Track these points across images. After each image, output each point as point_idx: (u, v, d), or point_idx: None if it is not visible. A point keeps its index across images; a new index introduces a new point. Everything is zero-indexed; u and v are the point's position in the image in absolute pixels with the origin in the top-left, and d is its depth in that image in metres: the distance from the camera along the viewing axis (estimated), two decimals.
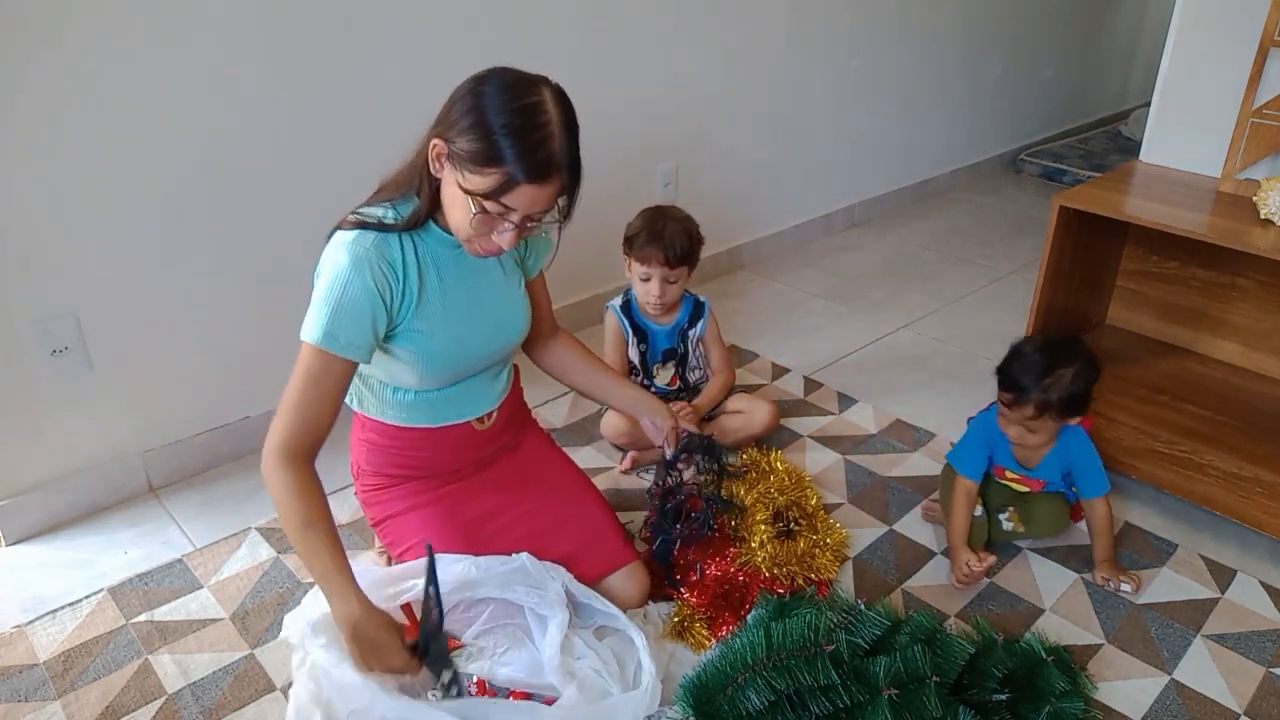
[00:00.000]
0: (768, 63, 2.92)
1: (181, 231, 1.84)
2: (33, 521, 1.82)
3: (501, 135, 1.17)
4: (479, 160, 1.19)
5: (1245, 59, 1.86)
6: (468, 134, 1.19)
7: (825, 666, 1.31)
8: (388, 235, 1.31)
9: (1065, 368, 1.60)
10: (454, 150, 1.22)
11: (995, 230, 3.52)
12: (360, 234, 1.29)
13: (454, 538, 1.47)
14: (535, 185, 1.20)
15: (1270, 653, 1.57)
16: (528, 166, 1.18)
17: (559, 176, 1.22)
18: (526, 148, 1.18)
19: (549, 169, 1.20)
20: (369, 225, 1.30)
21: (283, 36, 1.85)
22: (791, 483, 1.85)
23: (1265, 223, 1.75)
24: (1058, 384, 1.60)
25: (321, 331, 1.26)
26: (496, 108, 1.18)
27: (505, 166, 1.18)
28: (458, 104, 1.22)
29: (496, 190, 1.20)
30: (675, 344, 2.07)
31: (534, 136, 1.18)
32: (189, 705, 1.44)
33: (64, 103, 1.63)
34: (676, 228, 1.93)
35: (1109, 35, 4.61)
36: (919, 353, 2.60)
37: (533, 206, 1.23)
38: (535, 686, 1.41)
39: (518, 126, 1.17)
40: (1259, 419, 1.92)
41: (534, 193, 1.21)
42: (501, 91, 1.20)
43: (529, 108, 1.19)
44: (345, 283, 1.26)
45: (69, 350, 1.76)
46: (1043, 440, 1.68)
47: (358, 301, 1.27)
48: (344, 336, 1.27)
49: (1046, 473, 1.74)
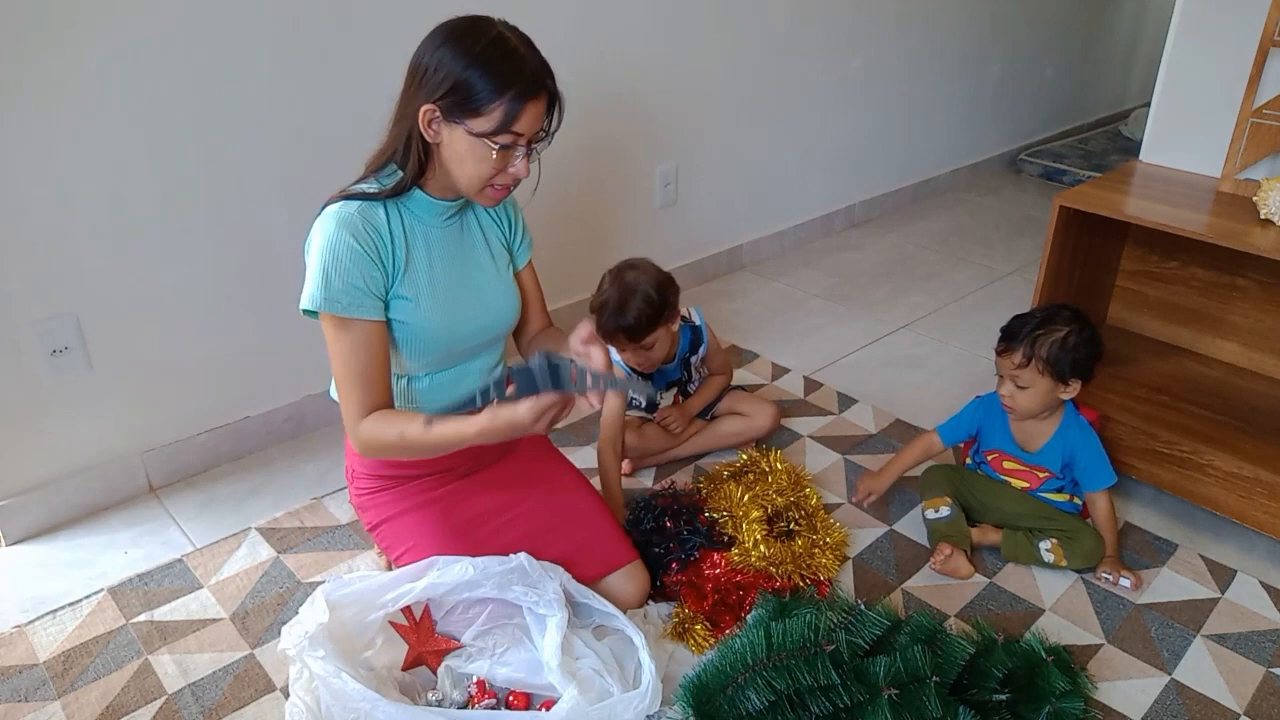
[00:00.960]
0: (768, 63, 2.92)
1: (181, 231, 1.84)
2: (33, 521, 1.82)
3: (488, 72, 1.23)
4: (478, 100, 1.24)
5: (1245, 59, 1.86)
6: (455, 87, 1.24)
7: (825, 666, 1.31)
8: (373, 202, 1.34)
9: (1061, 327, 1.66)
10: (444, 107, 1.26)
11: (995, 230, 3.52)
12: (345, 202, 1.32)
13: (451, 539, 1.47)
14: (534, 100, 1.26)
15: (1270, 653, 1.57)
16: (523, 87, 1.25)
17: (546, 88, 1.28)
18: (513, 72, 1.24)
19: (539, 81, 1.27)
20: (352, 195, 1.33)
21: (283, 36, 1.85)
22: (790, 483, 1.85)
23: (1265, 223, 1.75)
24: (1049, 337, 1.64)
25: (321, 297, 1.29)
26: (468, 52, 1.24)
27: (503, 95, 1.24)
28: (428, 68, 1.26)
29: (505, 120, 1.25)
30: (680, 374, 2.03)
31: (513, 61, 1.25)
32: (189, 705, 1.44)
33: (64, 103, 1.63)
34: (638, 302, 1.78)
35: (1109, 35, 4.61)
36: (919, 353, 2.60)
37: (535, 124, 1.29)
38: (535, 686, 1.41)
39: (496, 57, 1.24)
40: (1259, 419, 1.92)
41: (535, 109, 1.27)
42: (462, 38, 1.25)
43: (494, 40, 1.25)
44: (334, 244, 1.29)
45: (69, 350, 1.77)
46: (1033, 404, 1.69)
47: (354, 262, 1.30)
48: (345, 298, 1.30)
49: (1047, 459, 1.74)
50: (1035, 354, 1.65)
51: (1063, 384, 1.67)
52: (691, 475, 2.01)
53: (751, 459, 1.94)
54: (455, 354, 1.46)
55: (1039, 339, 1.65)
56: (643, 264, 1.87)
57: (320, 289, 1.29)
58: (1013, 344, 1.68)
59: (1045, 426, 1.75)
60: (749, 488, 1.82)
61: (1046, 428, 1.75)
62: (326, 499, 1.93)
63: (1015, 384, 1.68)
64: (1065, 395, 1.70)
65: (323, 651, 1.29)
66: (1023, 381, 1.67)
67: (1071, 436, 1.73)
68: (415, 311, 1.38)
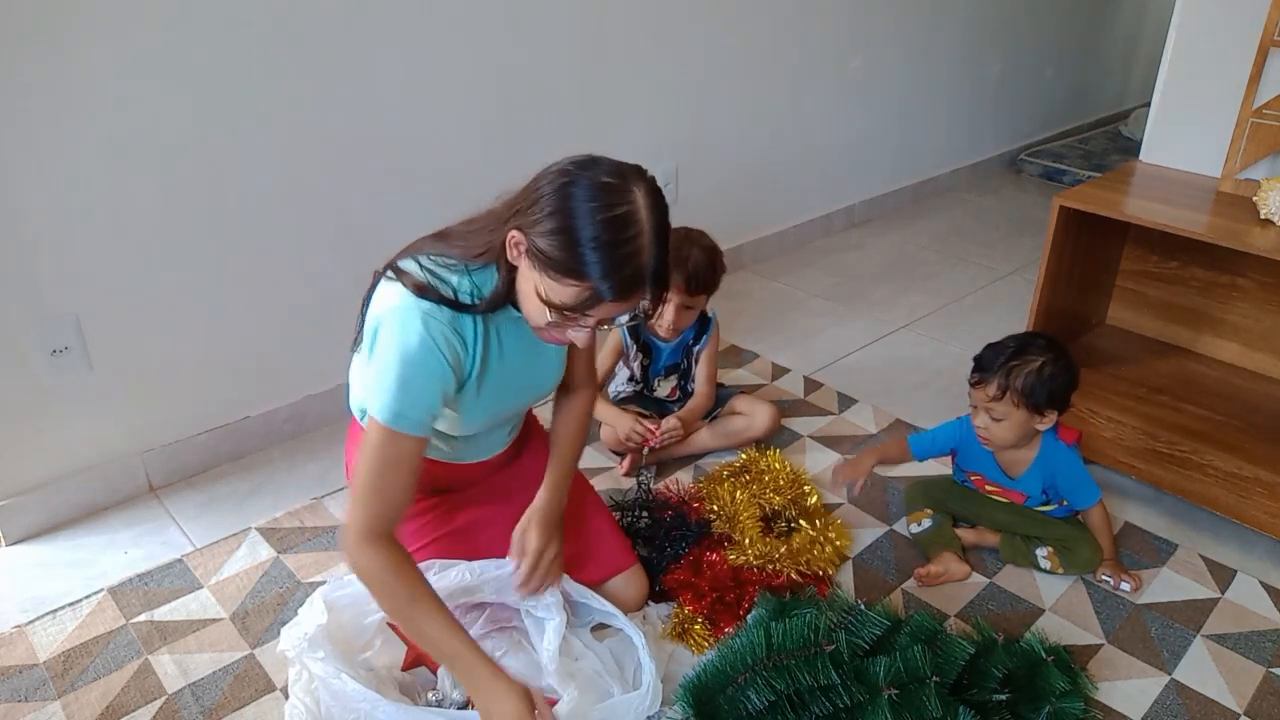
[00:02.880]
0: (768, 63, 2.92)
1: (181, 231, 1.84)
2: (33, 521, 1.82)
3: (589, 249, 1.09)
4: (561, 269, 1.11)
5: (1245, 59, 1.86)
6: (551, 238, 1.11)
7: (825, 666, 1.31)
8: (462, 314, 1.22)
9: (1036, 357, 1.60)
10: (534, 248, 1.13)
11: (995, 230, 3.52)
12: (436, 308, 1.19)
13: (452, 544, 1.47)
14: (619, 303, 1.14)
15: (1270, 653, 1.57)
16: (614, 285, 1.11)
17: (644, 290, 1.16)
18: (614, 265, 1.10)
19: (636, 286, 1.13)
20: (445, 300, 1.20)
21: (283, 36, 1.85)
22: (788, 482, 1.85)
23: (1265, 223, 1.75)
24: (1024, 368, 1.59)
25: (392, 412, 1.18)
26: (585, 215, 1.09)
27: (590, 283, 1.11)
28: (543, 198, 1.12)
29: (578, 305, 1.13)
30: (679, 360, 2.05)
31: (623, 252, 1.10)
32: (189, 705, 1.44)
33: (64, 103, 1.63)
34: (701, 256, 1.86)
35: (1109, 35, 4.61)
36: (919, 353, 2.60)
37: (612, 314, 1.18)
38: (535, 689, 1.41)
39: (606, 242, 1.09)
40: (1259, 419, 1.92)
41: (616, 308, 1.16)
42: (592, 197, 1.10)
43: (620, 220, 1.10)
44: (419, 360, 1.18)
45: (69, 350, 1.76)
46: (1009, 435, 1.64)
47: (429, 382, 1.20)
48: (415, 415, 1.20)
49: (1028, 485, 1.72)
50: (1010, 385, 1.58)
51: (1039, 415, 1.61)
52: (691, 475, 2.01)
53: (751, 459, 1.94)
54: (495, 426, 1.45)
55: (1014, 370, 1.59)
56: (700, 233, 1.93)
57: (395, 406, 1.18)
58: (986, 375, 1.62)
59: (1024, 453, 1.70)
60: (747, 487, 1.82)
61: (1026, 454, 1.70)
62: (327, 499, 1.93)
63: (990, 416, 1.63)
64: (1041, 426, 1.64)
65: (322, 653, 1.29)
66: (997, 414, 1.62)
67: (1050, 462, 1.68)
68: (473, 407, 1.32)
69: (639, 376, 2.07)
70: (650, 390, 2.08)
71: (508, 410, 1.44)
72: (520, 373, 1.37)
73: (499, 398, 1.36)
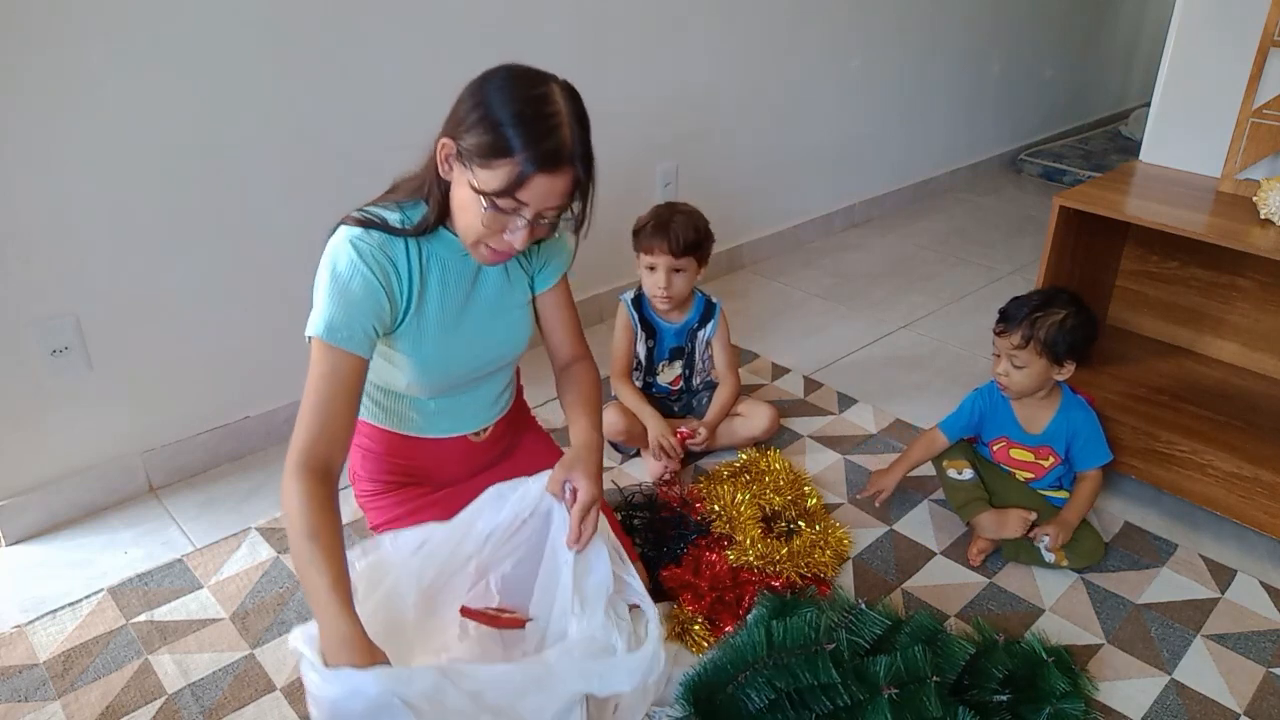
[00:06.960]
0: (768, 63, 2.92)
1: (181, 231, 1.84)
2: (33, 521, 1.82)
3: (510, 125, 1.15)
4: (488, 153, 1.17)
5: (1245, 59, 1.86)
6: (475, 128, 1.17)
7: (825, 665, 1.31)
8: (393, 237, 1.29)
9: (1059, 309, 1.69)
10: (462, 147, 1.19)
11: (995, 230, 3.52)
12: (365, 231, 1.26)
13: None
14: (547, 175, 1.17)
15: (1270, 653, 1.57)
16: (538, 155, 1.16)
17: (571, 167, 1.19)
18: (536, 136, 1.15)
19: (559, 158, 1.17)
20: (374, 225, 1.27)
21: (283, 35, 1.85)
22: (788, 482, 1.85)
23: (1265, 223, 1.75)
24: (1048, 319, 1.68)
25: (325, 324, 1.22)
26: (504, 99, 1.16)
27: (515, 156, 1.16)
28: (465, 101, 1.21)
29: (508, 185, 1.17)
30: (684, 343, 2.06)
31: (543, 125, 1.16)
32: (189, 705, 1.44)
33: (64, 103, 1.63)
34: (683, 219, 1.95)
35: (1109, 35, 4.61)
36: (919, 353, 2.60)
37: (545, 201, 1.20)
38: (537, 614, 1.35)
39: (527, 115, 1.15)
40: (1259, 419, 1.92)
41: (546, 184, 1.18)
42: (508, 83, 1.18)
43: (537, 98, 1.17)
44: (348, 276, 1.24)
45: (69, 350, 1.76)
46: (1027, 383, 1.72)
47: (360, 295, 1.25)
48: (345, 329, 1.24)
49: (1052, 438, 1.77)
50: (1034, 335, 1.68)
51: (1058, 365, 1.70)
52: (691, 475, 2.01)
53: (750, 459, 1.94)
54: (456, 383, 1.45)
55: (1038, 320, 1.68)
56: (685, 203, 2.03)
57: (326, 318, 1.22)
58: (1011, 324, 1.71)
59: (1047, 407, 1.78)
60: (747, 487, 1.82)
61: (1048, 408, 1.78)
62: None
63: (1012, 364, 1.72)
64: (1059, 377, 1.73)
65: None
66: (1019, 361, 1.71)
67: (1073, 415, 1.77)
68: (419, 346, 1.35)
69: (643, 362, 2.07)
70: (654, 376, 2.08)
71: (465, 366, 1.43)
72: (475, 324, 1.39)
73: (450, 346, 1.37)
